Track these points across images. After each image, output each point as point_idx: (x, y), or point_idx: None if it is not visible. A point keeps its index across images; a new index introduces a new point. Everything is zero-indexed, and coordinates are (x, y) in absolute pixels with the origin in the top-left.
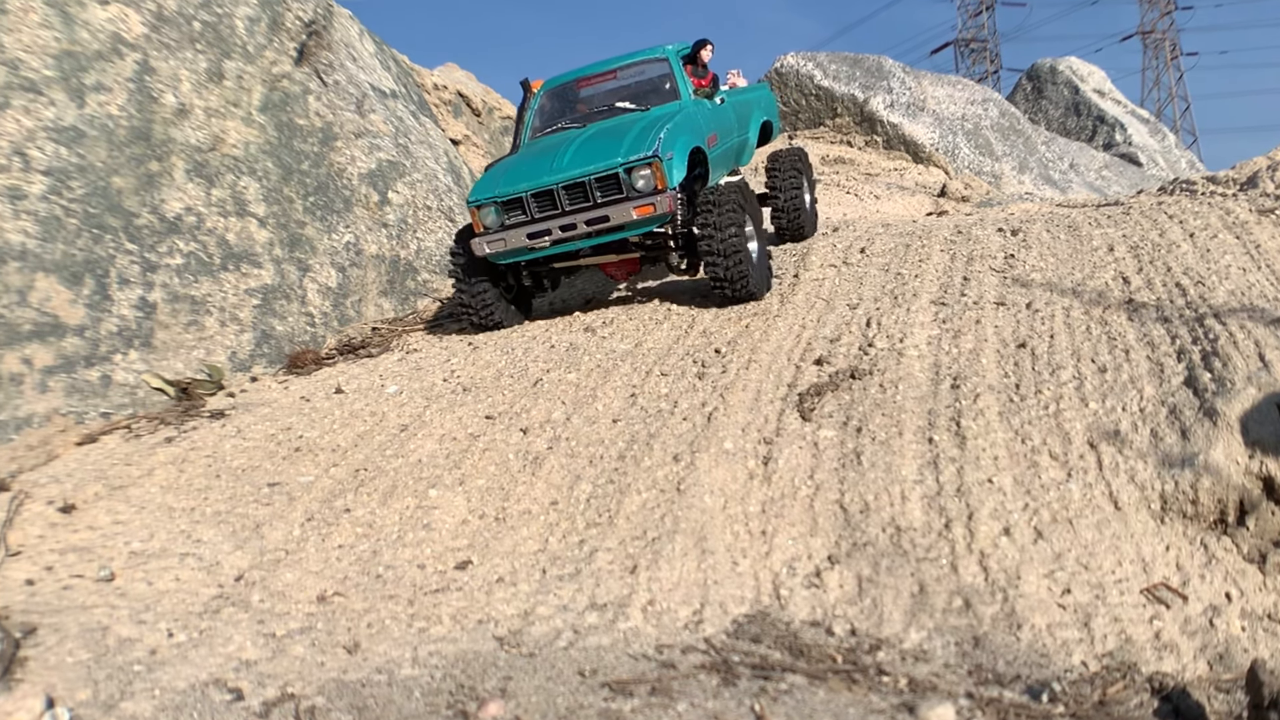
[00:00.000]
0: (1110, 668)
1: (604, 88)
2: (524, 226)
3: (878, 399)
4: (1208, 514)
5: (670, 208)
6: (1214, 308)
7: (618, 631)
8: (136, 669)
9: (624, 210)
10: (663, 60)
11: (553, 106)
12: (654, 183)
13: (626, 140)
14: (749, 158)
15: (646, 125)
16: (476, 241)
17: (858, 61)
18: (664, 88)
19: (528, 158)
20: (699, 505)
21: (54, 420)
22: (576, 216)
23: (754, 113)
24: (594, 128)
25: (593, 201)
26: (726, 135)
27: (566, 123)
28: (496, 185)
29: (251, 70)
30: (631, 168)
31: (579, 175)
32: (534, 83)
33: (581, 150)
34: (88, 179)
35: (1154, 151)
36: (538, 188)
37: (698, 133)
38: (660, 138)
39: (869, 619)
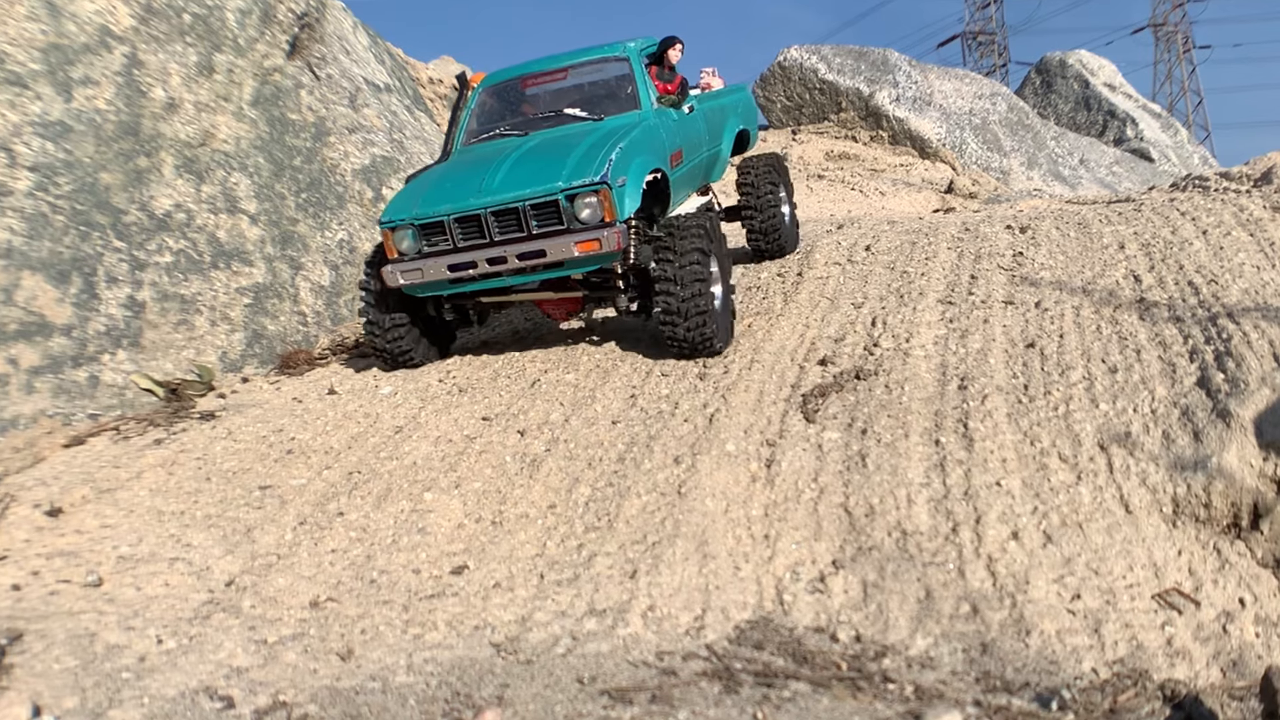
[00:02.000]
0: (1121, 675)
1: (552, 88)
2: (445, 256)
3: (883, 400)
4: (1221, 518)
5: (619, 245)
6: (1227, 307)
7: (617, 638)
8: (125, 676)
9: (564, 245)
10: (622, 60)
11: (492, 107)
12: (601, 214)
13: (571, 159)
14: (721, 173)
15: (596, 142)
16: (389, 270)
17: (863, 55)
18: (622, 93)
19: (455, 171)
20: (700, 509)
21: (40, 422)
22: (507, 248)
23: (729, 121)
24: (536, 139)
25: (527, 232)
26: (694, 150)
27: (506, 128)
28: (415, 204)
29: (242, 64)
30: (575, 194)
31: (511, 200)
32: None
33: (517, 168)
34: (75, 175)
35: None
36: (462, 211)
37: (658, 150)
38: (611, 159)
39: (874, 625)
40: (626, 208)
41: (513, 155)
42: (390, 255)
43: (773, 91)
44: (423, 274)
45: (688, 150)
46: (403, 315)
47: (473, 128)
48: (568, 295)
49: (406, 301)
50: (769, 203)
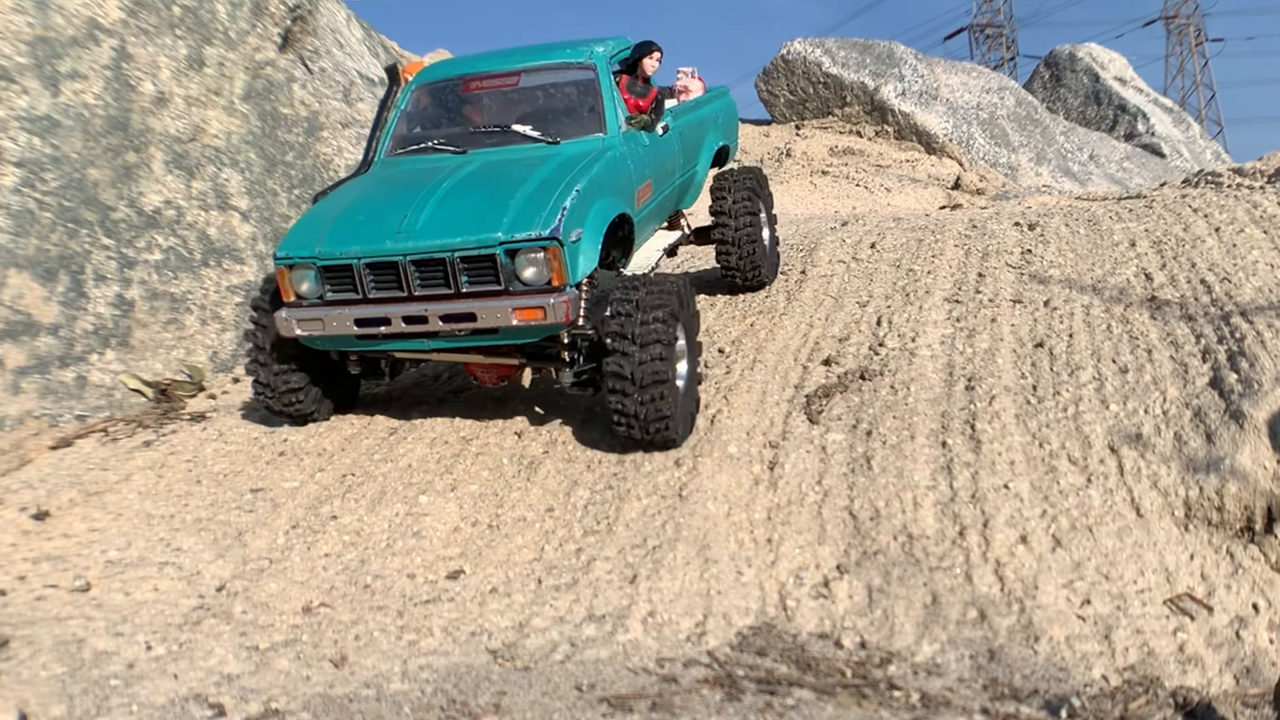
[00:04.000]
0: (1132, 682)
1: (500, 96)
2: (352, 307)
3: (889, 401)
4: (1234, 521)
5: (567, 316)
6: (1240, 305)
7: (617, 644)
8: (113, 683)
9: (499, 310)
10: (587, 68)
11: (427, 110)
12: (548, 275)
13: (515, 201)
14: (695, 198)
15: (549, 177)
16: (284, 316)
17: (868, 48)
18: (585, 109)
19: (373, 198)
20: (701, 512)
21: (27, 423)
22: (430, 306)
23: (708, 136)
24: (476, 161)
25: (455, 289)
26: (666, 179)
27: (441, 141)
28: (319, 239)
29: (233, 57)
30: (517, 249)
31: (437, 249)
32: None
33: (449, 205)
34: (62, 171)
35: (1178, 142)
36: (376, 256)
37: (623, 188)
38: (565, 208)
39: (879, 631)
40: (580, 268)
41: (444, 184)
42: (286, 298)
43: (776, 85)
44: (324, 326)
45: (658, 181)
46: (299, 371)
47: (401, 133)
48: (500, 361)
49: (304, 350)
50: (747, 232)
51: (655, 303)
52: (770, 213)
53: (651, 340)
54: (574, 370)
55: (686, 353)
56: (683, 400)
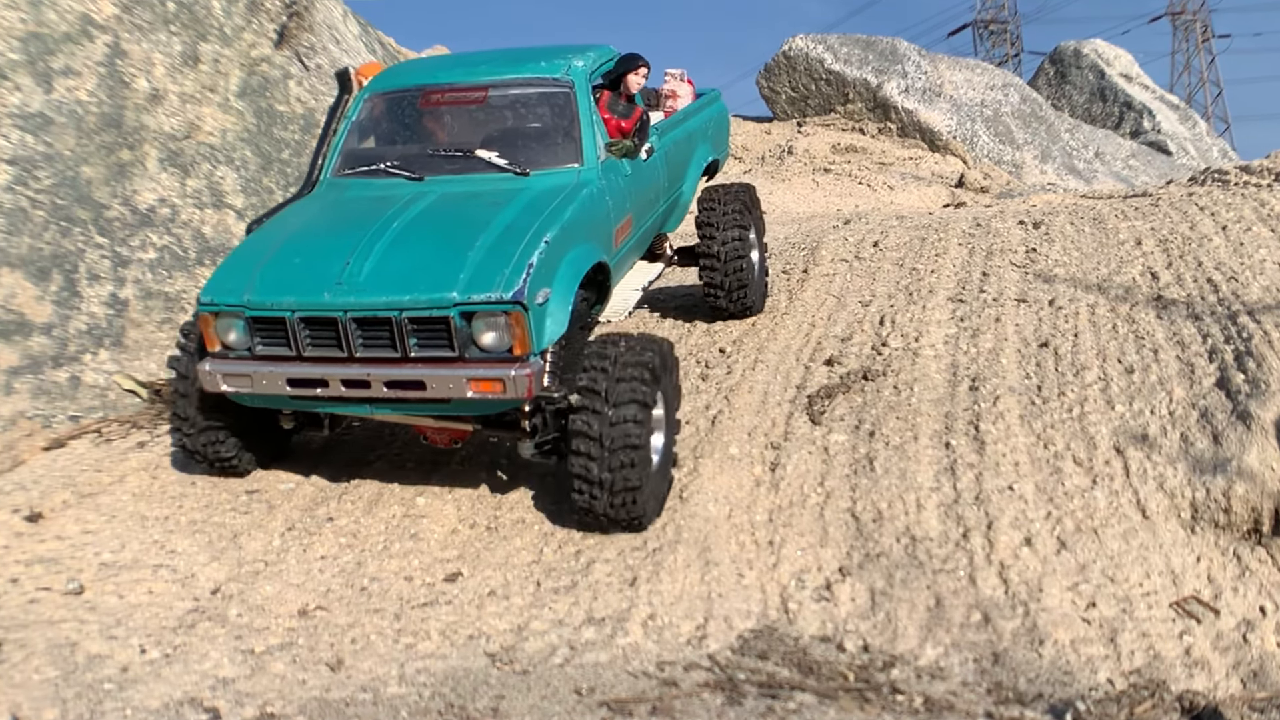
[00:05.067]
0: (1138, 686)
1: (464, 113)
2: (285, 365)
3: (891, 401)
4: (1241, 523)
5: (530, 391)
6: (1248, 305)
7: (616, 648)
8: (107, 687)
9: (453, 380)
10: (564, 86)
11: (381, 122)
12: (509, 341)
13: (474, 253)
14: (680, 219)
15: (514, 225)
16: (208, 369)
17: (871, 44)
18: (559, 134)
19: (313, 232)
20: (702, 514)
21: (19, 424)
22: (373, 370)
23: (696, 151)
24: (433, 194)
25: (402, 353)
26: (649, 209)
27: (394, 163)
28: (248, 283)
29: (229, 53)
30: (474, 311)
31: (383, 307)
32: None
33: (397, 251)
34: (55, 168)
35: (1184, 139)
36: (312, 310)
37: (600, 231)
38: (532, 263)
39: (882, 634)
40: (547, 333)
41: (394, 224)
42: (210, 347)
43: (777, 82)
44: (252, 383)
45: (640, 213)
46: (224, 414)
47: (351, 148)
48: (452, 427)
49: None
50: (734, 247)
51: (634, 359)
52: (761, 238)
53: (627, 400)
54: (535, 441)
55: (664, 424)
56: (654, 477)
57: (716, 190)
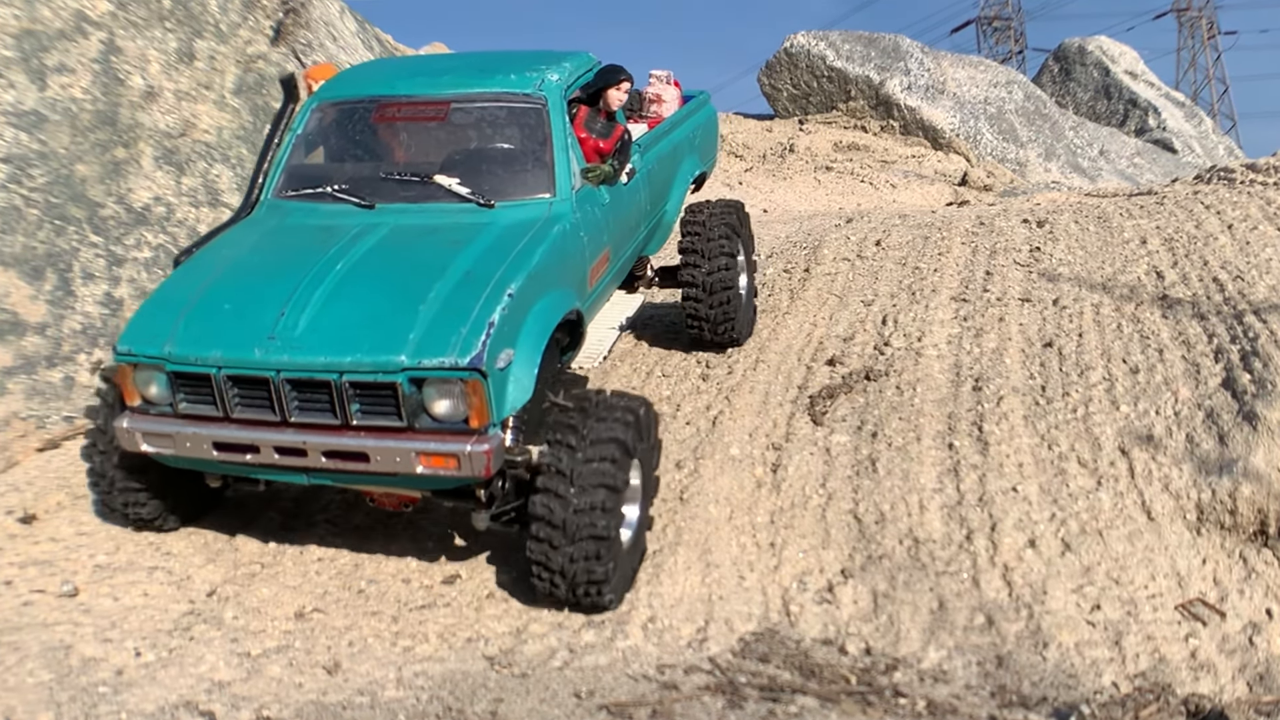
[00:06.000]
0: (1143, 689)
1: (423, 131)
2: (212, 426)
3: (894, 402)
4: (1247, 524)
5: (488, 469)
6: (1254, 304)
7: (616, 650)
8: (102, 690)
9: (400, 453)
10: (535, 103)
11: (329, 139)
12: (465, 411)
13: (427, 306)
14: (664, 240)
15: (474, 272)
16: (127, 425)
17: (873, 41)
18: (529, 160)
19: (247, 270)
20: (703, 515)
21: (13, 425)
22: (310, 438)
23: (682, 166)
24: (383, 227)
25: (343, 420)
26: (628, 238)
27: (342, 187)
28: (170, 333)
29: (224, 50)
30: (424, 378)
31: (320, 368)
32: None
33: (340, 302)
34: (49, 166)
35: (1190, 137)
36: (241, 368)
37: (574, 272)
38: (493, 322)
39: (885, 637)
40: (509, 401)
41: (339, 264)
42: (130, 400)
43: (779, 79)
44: (175, 443)
45: (619, 244)
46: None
47: (295, 166)
48: (400, 492)
49: None
50: (721, 277)
51: (605, 434)
52: (751, 256)
53: (595, 484)
54: (492, 511)
55: (640, 494)
56: (625, 555)
57: (701, 212)
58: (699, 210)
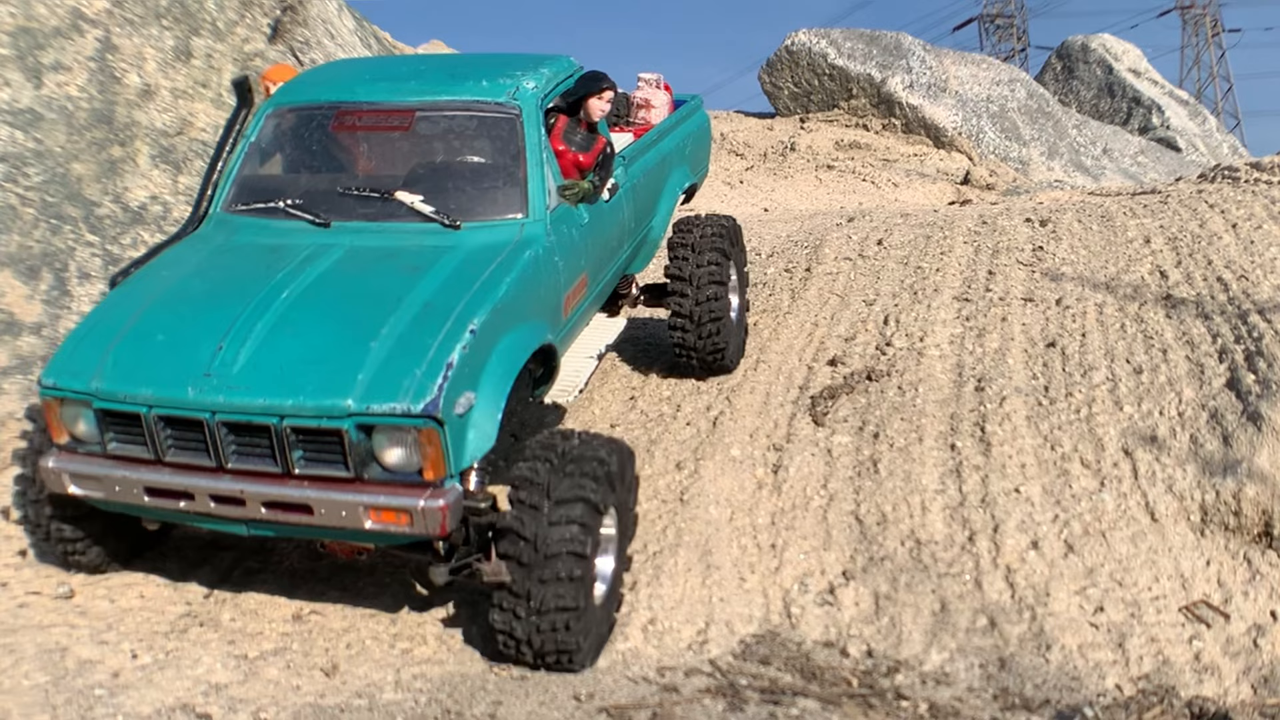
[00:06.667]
0: (1146, 691)
1: (386, 142)
2: (144, 469)
3: (896, 402)
4: (1251, 526)
5: (444, 527)
6: (1258, 304)
7: (616, 652)
8: (98, 693)
9: (346, 507)
10: (509, 113)
11: (285, 148)
12: (419, 462)
13: (380, 342)
14: (649, 258)
15: (434, 304)
16: (52, 466)
17: (875, 39)
18: (499, 176)
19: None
20: (704, 516)
21: (9, 425)
22: (249, 487)
23: (670, 179)
24: (338, 249)
25: (284, 468)
26: (610, 258)
27: (296, 203)
28: (98, 366)
29: (221, 48)
30: (373, 425)
31: (258, 411)
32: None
33: (283, 335)
34: (45, 165)
35: (1194, 135)
36: (173, 408)
37: (546, 305)
38: (451, 362)
39: (887, 639)
40: (469, 451)
41: (285, 293)
42: (57, 437)
43: (780, 77)
44: (104, 486)
45: (598, 268)
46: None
47: (247, 177)
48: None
49: None
50: (710, 306)
51: (573, 492)
52: (743, 271)
53: (562, 551)
54: (452, 565)
55: (615, 541)
56: (599, 613)
57: (690, 232)
58: (688, 230)
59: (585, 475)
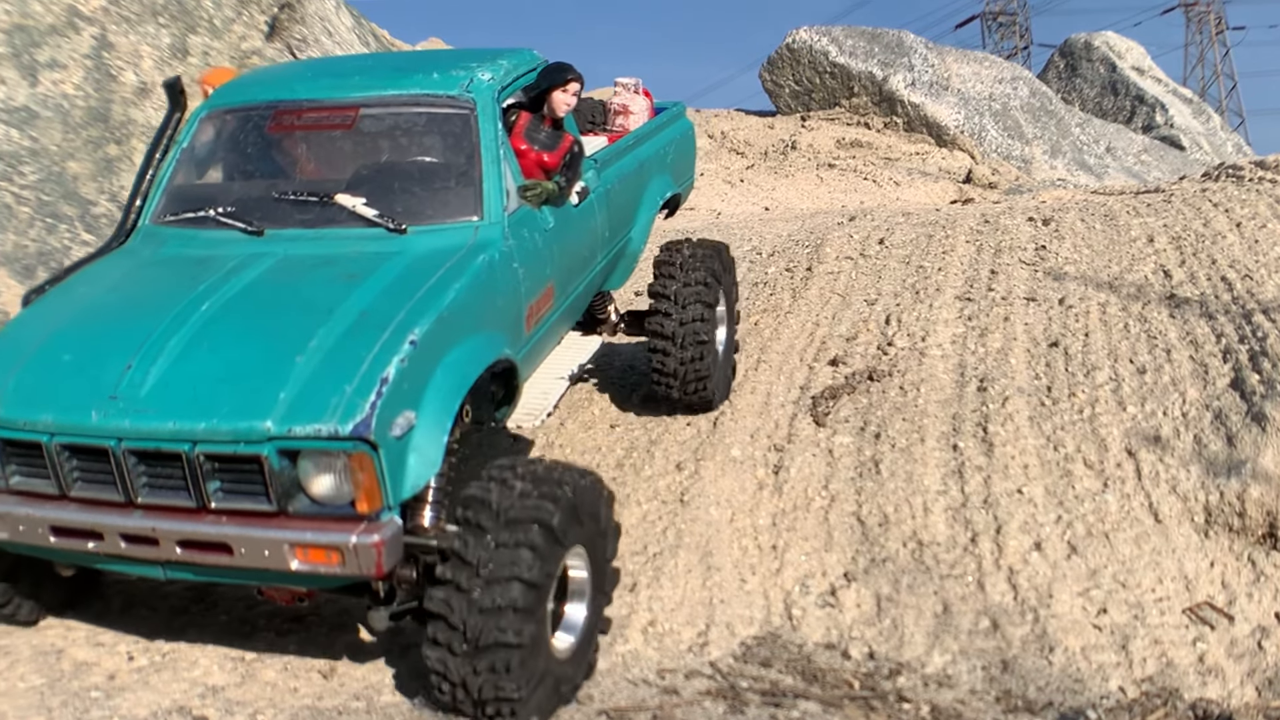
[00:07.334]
0: (1150, 694)
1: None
2: (48, 506)
3: (898, 402)
4: (1256, 527)
5: (379, 568)
6: (1263, 303)
7: (616, 655)
8: (94, 695)
9: (269, 545)
10: (462, 106)
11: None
12: (350, 493)
13: (307, 356)
14: (628, 274)
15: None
16: None
17: (876, 36)
18: (450, 175)
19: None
20: (704, 517)
21: None
22: (162, 524)
23: (650, 187)
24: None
25: (199, 501)
26: (581, 269)
27: (227, 211)
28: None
29: (219, 46)
30: (297, 450)
31: (168, 436)
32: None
33: (199, 352)
34: (41, 164)
35: (1197, 134)
36: (76, 435)
37: (504, 315)
38: (386, 377)
39: (888, 641)
40: (410, 479)
41: (204, 306)
42: None
43: (781, 75)
44: (6, 525)
45: (567, 278)
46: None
47: (178, 186)
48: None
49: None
50: (693, 330)
51: (526, 513)
52: (733, 302)
53: (507, 576)
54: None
55: (587, 586)
56: (558, 667)
57: (678, 251)
58: (675, 250)
59: (543, 497)
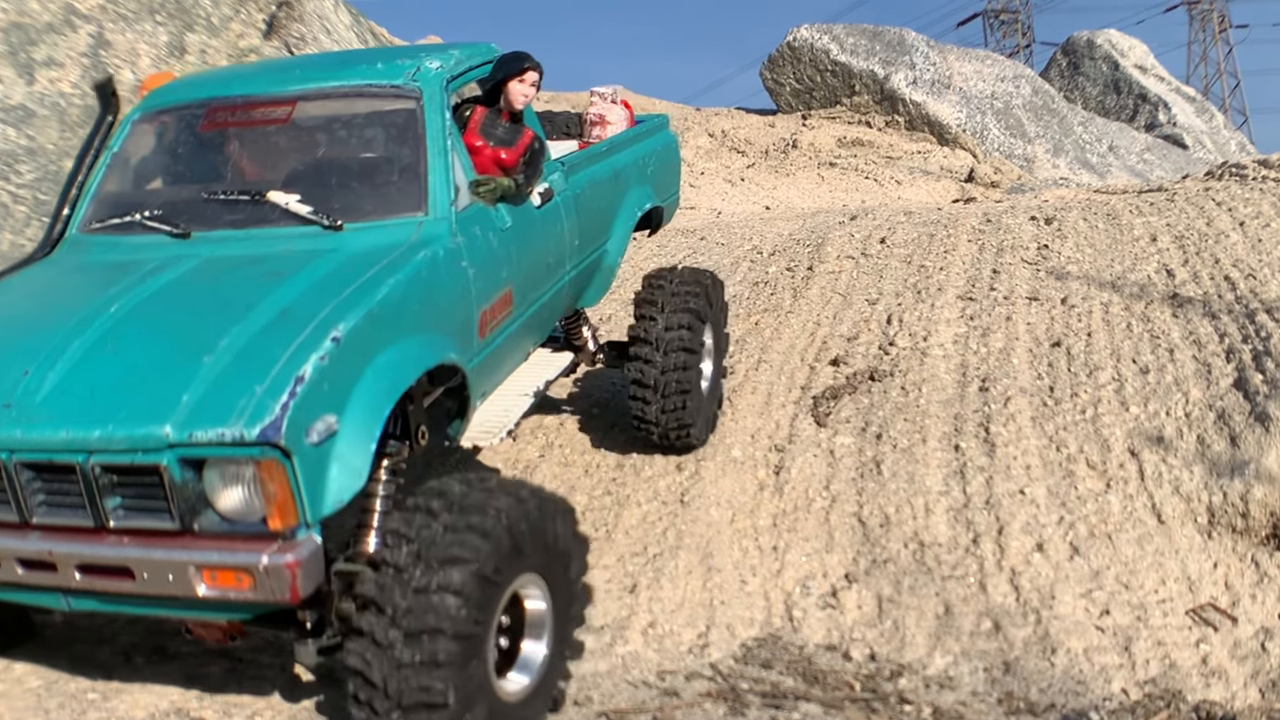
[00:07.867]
0: (1153, 696)
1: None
2: None
3: (899, 402)
4: (1259, 528)
5: (294, 592)
6: (1266, 303)
7: (615, 656)
8: (91, 697)
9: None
10: (407, 97)
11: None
12: (260, 508)
13: (212, 360)
14: (604, 289)
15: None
16: None
17: (878, 34)
18: (393, 169)
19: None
20: (704, 518)
21: None
22: (59, 546)
23: (628, 197)
24: (192, 260)
25: (97, 520)
26: (546, 276)
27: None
28: None
29: (216, 44)
30: (201, 459)
31: (60, 446)
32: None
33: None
34: (38, 162)
35: (1201, 133)
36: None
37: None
38: (302, 376)
39: (890, 643)
40: (332, 493)
41: (114, 308)
42: None
43: (781, 74)
44: None
45: (529, 284)
46: None
47: (108, 192)
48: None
49: None
50: (676, 380)
51: (454, 550)
52: (722, 332)
53: (430, 627)
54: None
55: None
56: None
57: (662, 284)
58: (658, 285)
59: (472, 530)
